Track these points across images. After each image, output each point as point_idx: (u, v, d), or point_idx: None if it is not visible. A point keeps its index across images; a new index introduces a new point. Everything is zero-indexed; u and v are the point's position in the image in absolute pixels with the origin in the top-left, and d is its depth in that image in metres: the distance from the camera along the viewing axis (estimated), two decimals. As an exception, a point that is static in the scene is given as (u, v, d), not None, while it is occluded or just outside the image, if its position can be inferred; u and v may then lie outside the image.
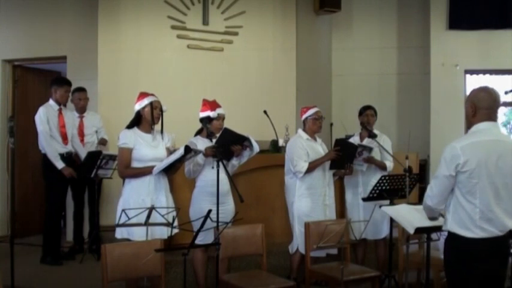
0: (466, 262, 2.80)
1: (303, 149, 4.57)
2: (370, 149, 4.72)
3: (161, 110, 3.93)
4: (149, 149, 3.86)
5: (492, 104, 2.89)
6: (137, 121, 3.92)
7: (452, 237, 2.86)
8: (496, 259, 2.83)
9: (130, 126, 3.91)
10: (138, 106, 3.91)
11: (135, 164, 3.84)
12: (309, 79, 7.13)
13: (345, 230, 3.97)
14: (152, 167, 3.79)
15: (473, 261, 2.78)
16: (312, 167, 4.52)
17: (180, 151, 3.72)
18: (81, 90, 5.74)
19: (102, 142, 5.76)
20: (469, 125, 2.96)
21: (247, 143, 4.19)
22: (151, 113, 3.87)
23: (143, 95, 3.94)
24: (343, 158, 4.54)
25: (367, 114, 4.99)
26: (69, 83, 5.38)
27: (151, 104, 3.88)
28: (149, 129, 3.93)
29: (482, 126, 2.87)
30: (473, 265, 2.78)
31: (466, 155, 2.76)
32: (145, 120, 3.90)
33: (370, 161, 4.80)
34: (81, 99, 5.71)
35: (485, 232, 2.77)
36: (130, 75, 6.14)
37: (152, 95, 3.95)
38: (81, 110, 5.74)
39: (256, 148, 4.23)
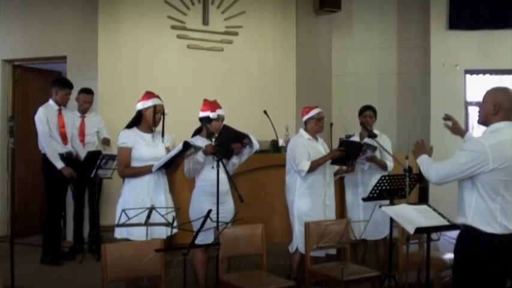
0: (481, 258, 2.85)
1: (305, 147, 4.58)
2: (374, 148, 4.72)
3: (163, 114, 3.92)
4: (149, 148, 3.86)
5: None
6: (137, 121, 3.92)
7: (470, 232, 2.90)
8: (508, 256, 2.88)
9: (130, 126, 3.91)
10: (140, 105, 3.89)
11: (134, 164, 3.84)
12: (309, 79, 7.14)
13: (345, 230, 3.97)
14: (151, 166, 3.78)
15: (488, 256, 2.84)
16: (315, 165, 4.52)
17: (179, 147, 3.72)
18: (87, 92, 5.72)
19: (105, 142, 5.76)
20: (485, 121, 3.03)
21: (246, 140, 4.19)
22: (153, 116, 3.86)
23: (148, 95, 3.92)
24: (346, 156, 4.54)
25: (366, 115, 4.99)
26: (70, 86, 5.37)
27: (154, 107, 3.86)
28: (149, 130, 3.92)
29: (501, 125, 2.95)
30: (488, 261, 2.84)
31: (494, 154, 2.83)
32: (146, 121, 3.89)
33: (372, 160, 4.80)
34: (85, 102, 5.70)
35: (504, 229, 2.85)
36: (130, 75, 6.14)
37: (157, 97, 3.93)
38: (83, 111, 5.74)
39: (256, 145, 4.22)
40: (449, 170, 2.95)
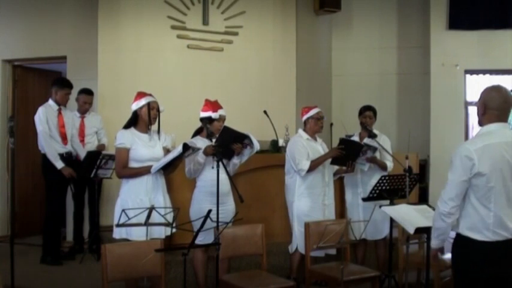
0: (476, 265, 2.78)
1: (304, 147, 4.57)
2: (374, 149, 4.72)
3: (158, 111, 3.93)
4: (146, 149, 3.86)
5: (502, 105, 2.83)
6: (134, 121, 3.92)
7: (462, 239, 2.84)
8: (507, 262, 2.81)
9: (127, 126, 3.91)
10: (135, 106, 3.91)
11: (132, 164, 3.84)
12: (309, 79, 7.14)
13: (344, 230, 3.97)
14: (150, 167, 3.79)
15: (484, 264, 2.76)
16: (315, 165, 4.51)
17: (179, 149, 3.72)
18: (88, 93, 5.72)
19: (101, 148, 5.72)
20: (479, 122, 2.94)
21: (247, 141, 4.19)
22: (148, 114, 3.87)
23: (140, 95, 3.94)
24: (346, 156, 4.54)
25: (366, 115, 4.99)
26: (70, 86, 5.38)
27: (148, 104, 3.88)
28: (146, 129, 3.93)
29: (492, 127, 2.84)
30: (483, 268, 2.76)
31: (480, 159, 2.73)
32: (142, 120, 3.90)
33: (373, 160, 4.80)
34: (85, 103, 5.70)
35: (497, 236, 2.75)
36: (130, 75, 6.14)
37: (150, 95, 3.95)
38: (83, 111, 5.74)
39: (257, 146, 4.22)
40: (449, 192, 2.80)
